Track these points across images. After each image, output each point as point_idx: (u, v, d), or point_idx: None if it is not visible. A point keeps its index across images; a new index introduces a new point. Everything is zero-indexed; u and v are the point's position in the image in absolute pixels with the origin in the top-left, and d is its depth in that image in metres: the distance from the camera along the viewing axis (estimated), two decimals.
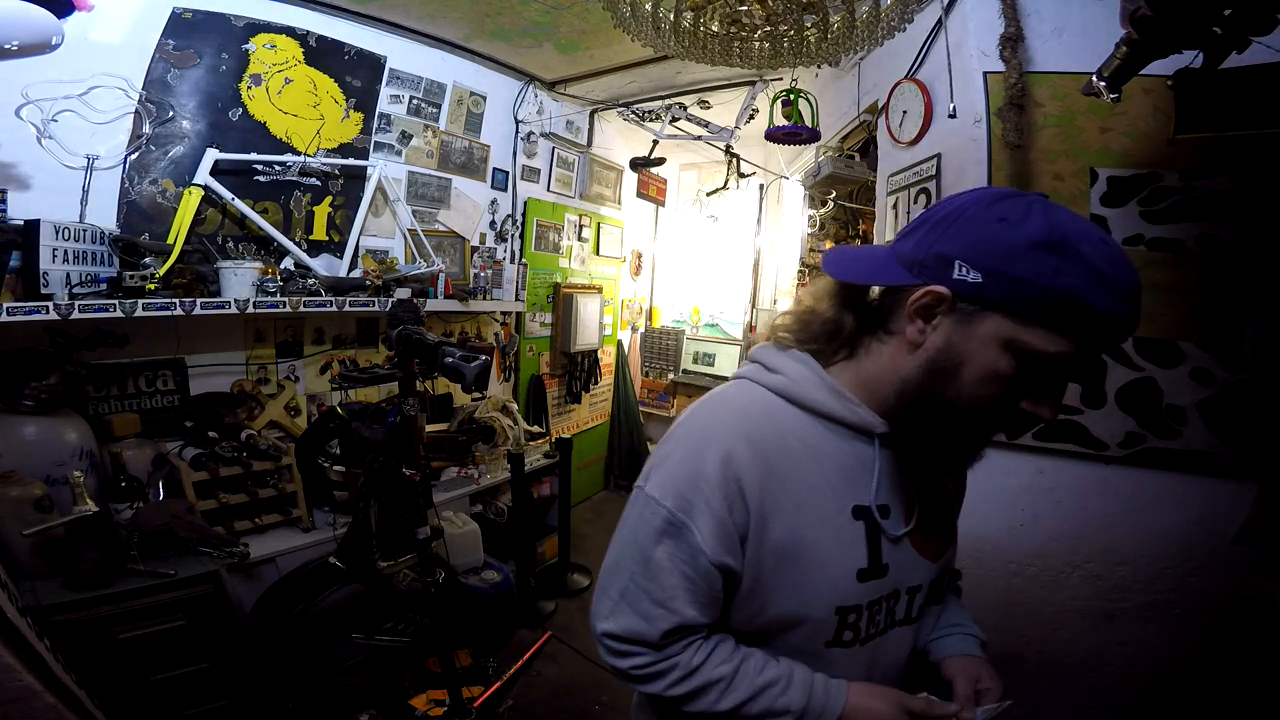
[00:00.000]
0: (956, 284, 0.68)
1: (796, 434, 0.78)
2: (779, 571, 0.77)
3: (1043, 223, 0.65)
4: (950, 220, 0.71)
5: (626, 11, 1.30)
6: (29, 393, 1.91)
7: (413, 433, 1.92)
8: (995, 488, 1.76)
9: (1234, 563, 1.65)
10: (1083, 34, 1.64)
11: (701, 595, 0.77)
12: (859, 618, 0.81)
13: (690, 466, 0.76)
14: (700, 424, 0.80)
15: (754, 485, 0.74)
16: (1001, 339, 0.67)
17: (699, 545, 0.74)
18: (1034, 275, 0.64)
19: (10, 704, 1.23)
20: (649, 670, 0.79)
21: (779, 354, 0.83)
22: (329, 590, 2.17)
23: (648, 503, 0.78)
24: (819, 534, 0.77)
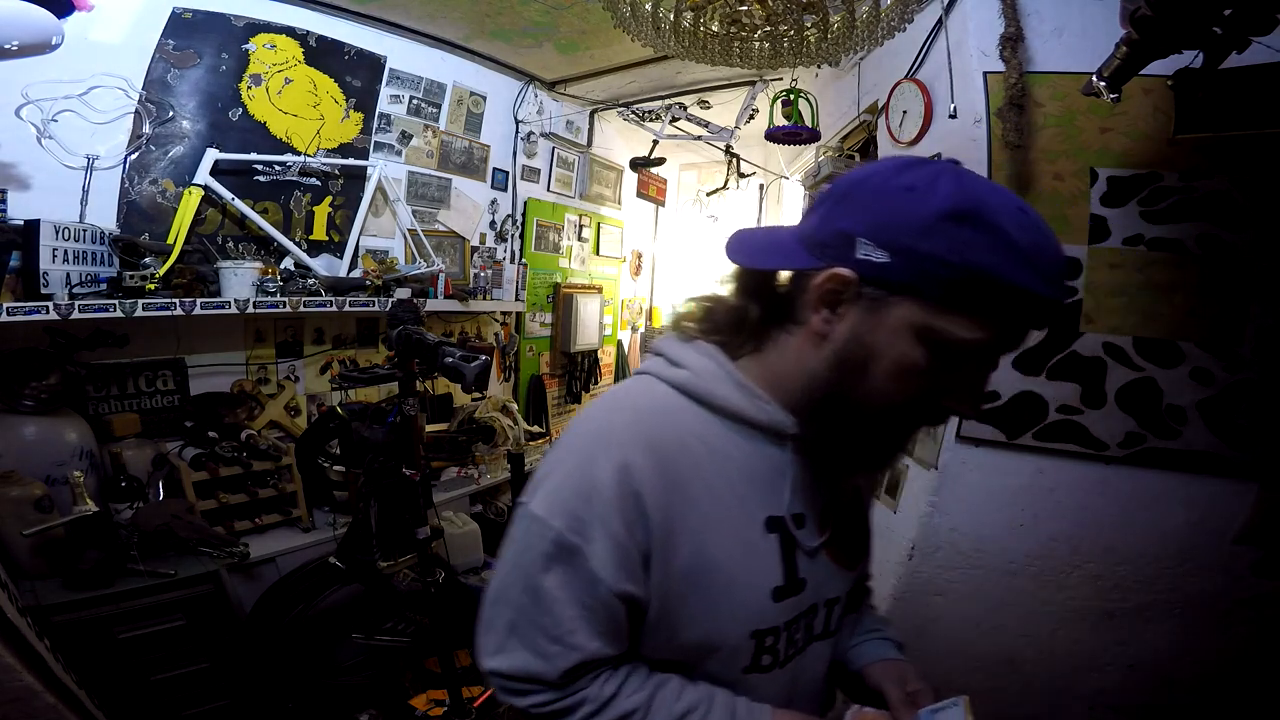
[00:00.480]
0: (861, 265, 0.60)
1: (701, 436, 0.69)
2: (688, 597, 0.67)
3: (953, 189, 0.58)
4: (853, 192, 0.64)
5: (626, 11, 1.30)
6: (29, 393, 1.91)
7: (413, 433, 1.92)
8: (995, 488, 1.76)
9: (1234, 563, 1.65)
10: (1083, 34, 1.64)
11: (604, 625, 0.66)
12: (777, 640, 0.72)
13: (582, 479, 0.65)
14: (593, 428, 0.70)
15: (656, 500, 0.65)
16: (914, 327, 0.60)
17: (595, 572, 0.64)
18: (945, 251, 0.56)
19: (10, 704, 1.23)
20: (553, 708, 0.68)
21: (683, 346, 0.74)
22: (329, 590, 2.17)
23: (533, 522, 0.66)
24: (729, 552, 0.68)
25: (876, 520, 2.10)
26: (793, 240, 0.68)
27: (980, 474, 1.77)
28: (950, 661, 1.90)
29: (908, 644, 1.93)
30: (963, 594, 1.85)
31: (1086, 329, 1.65)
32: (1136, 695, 1.78)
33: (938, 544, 1.83)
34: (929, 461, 1.83)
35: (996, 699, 1.89)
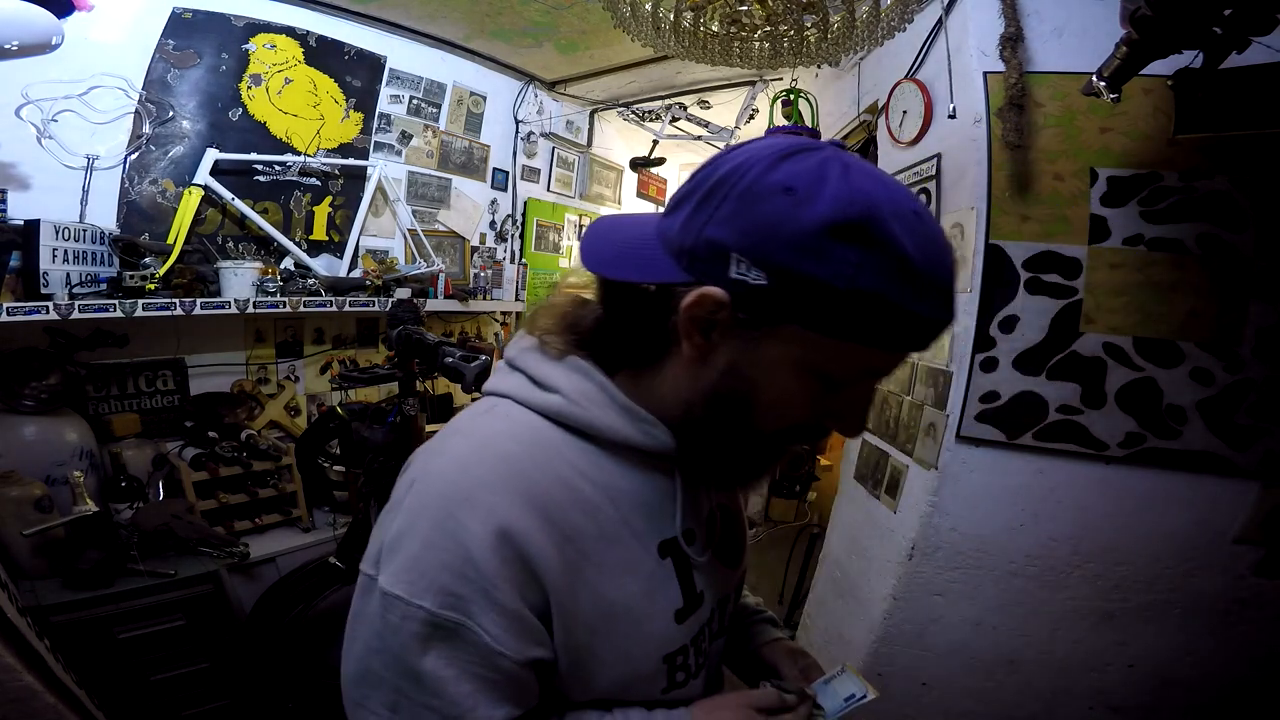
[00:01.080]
0: (735, 285, 0.51)
1: (585, 474, 0.60)
2: (594, 646, 0.61)
3: (838, 192, 0.48)
4: (724, 190, 0.52)
5: (626, 11, 1.30)
6: (29, 393, 1.91)
7: (413, 433, 1.92)
8: (995, 487, 1.76)
9: (1234, 563, 1.65)
10: (1083, 34, 1.64)
11: (507, 691, 0.57)
12: (686, 658, 0.68)
13: (448, 549, 0.54)
14: (444, 483, 0.57)
15: (547, 560, 0.56)
16: (796, 360, 0.53)
17: (490, 646, 0.55)
18: (830, 275, 0.48)
19: (10, 704, 1.23)
20: None
21: (552, 364, 0.63)
22: (329, 590, 2.17)
23: (390, 605, 0.55)
24: (630, 590, 0.62)
25: (876, 520, 2.11)
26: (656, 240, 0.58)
27: (980, 474, 1.77)
28: (950, 661, 1.90)
29: (908, 644, 1.93)
30: (963, 594, 1.85)
31: (1086, 329, 1.65)
32: (1136, 695, 1.78)
33: (938, 544, 1.83)
34: (929, 461, 1.83)
35: (996, 699, 1.89)
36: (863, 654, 2.02)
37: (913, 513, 1.88)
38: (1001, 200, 1.70)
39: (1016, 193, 1.69)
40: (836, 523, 2.51)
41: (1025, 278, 1.68)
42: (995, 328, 1.71)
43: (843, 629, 2.20)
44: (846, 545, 2.33)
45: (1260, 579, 1.64)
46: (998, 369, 1.71)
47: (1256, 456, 1.59)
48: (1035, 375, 1.69)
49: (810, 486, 4.16)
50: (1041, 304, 1.68)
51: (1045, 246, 1.67)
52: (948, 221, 1.87)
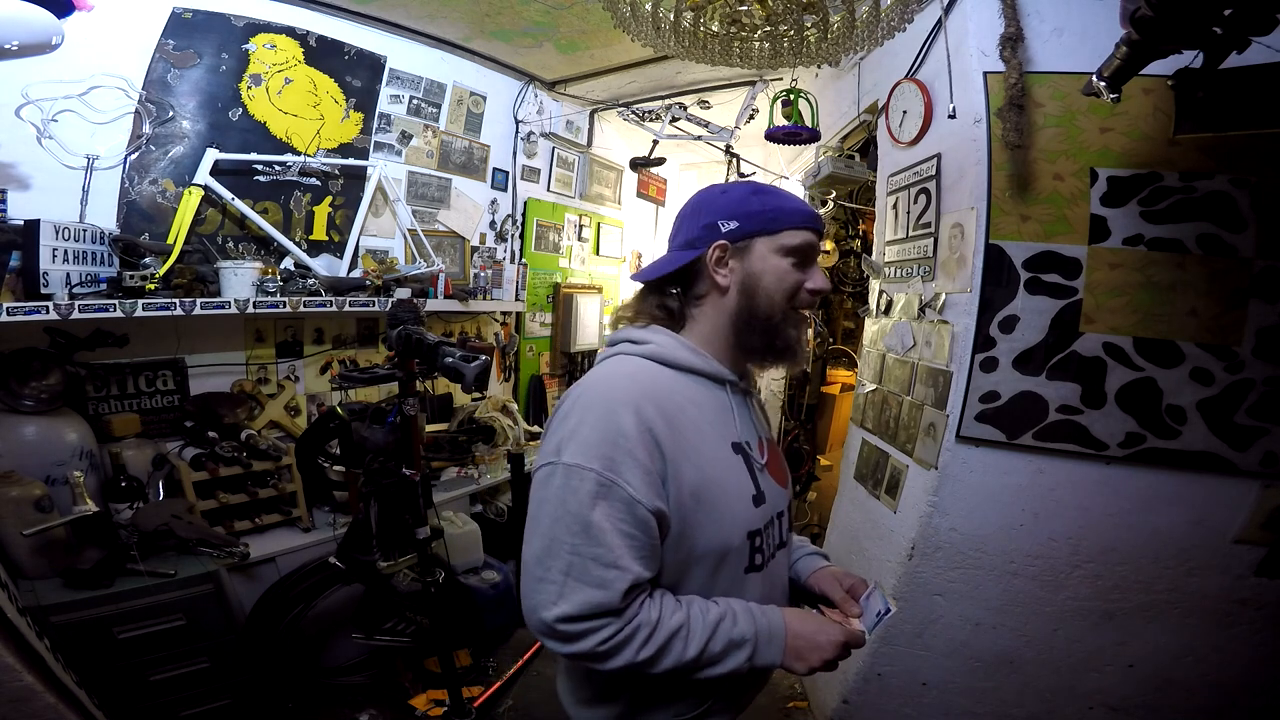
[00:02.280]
0: (728, 234, 0.95)
1: (677, 389, 0.91)
2: (698, 510, 0.86)
3: (740, 185, 1.00)
4: (693, 211, 1.00)
5: (626, 11, 1.30)
6: (29, 393, 1.91)
7: (413, 433, 1.92)
8: (995, 487, 1.76)
9: (1234, 563, 1.65)
10: (1083, 34, 1.64)
11: (644, 549, 0.82)
12: (762, 540, 0.94)
13: (606, 428, 0.82)
14: (599, 393, 0.87)
15: (664, 434, 0.84)
16: (770, 249, 0.95)
17: (633, 496, 0.80)
18: (759, 207, 0.95)
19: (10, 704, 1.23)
20: (616, 640, 0.80)
21: (641, 330, 0.98)
22: (329, 590, 2.17)
23: (570, 472, 0.81)
24: (718, 470, 0.90)
25: (876, 520, 2.11)
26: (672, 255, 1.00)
27: (980, 474, 1.77)
28: (950, 661, 1.91)
29: (908, 644, 1.94)
30: (963, 594, 1.85)
31: (1086, 329, 1.65)
32: (1136, 695, 1.78)
33: (938, 544, 1.83)
34: (929, 461, 1.83)
35: (996, 699, 1.89)
36: (863, 654, 2.02)
37: (913, 513, 1.88)
38: (1001, 200, 1.70)
39: (1016, 193, 1.69)
40: (836, 523, 2.51)
41: (1025, 278, 1.69)
42: (995, 328, 1.71)
43: None
44: (846, 545, 2.33)
45: (1260, 579, 1.64)
46: (998, 369, 1.71)
47: (1256, 456, 1.59)
48: (1035, 375, 1.69)
49: (810, 486, 4.16)
50: (1041, 304, 1.68)
51: (1045, 246, 1.67)
52: (947, 221, 1.87)
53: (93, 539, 1.92)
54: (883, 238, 2.31)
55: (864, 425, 2.32)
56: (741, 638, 0.85)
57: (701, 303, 0.98)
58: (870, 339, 2.41)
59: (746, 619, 0.86)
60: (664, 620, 0.82)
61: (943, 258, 1.88)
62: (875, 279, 2.37)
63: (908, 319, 2.05)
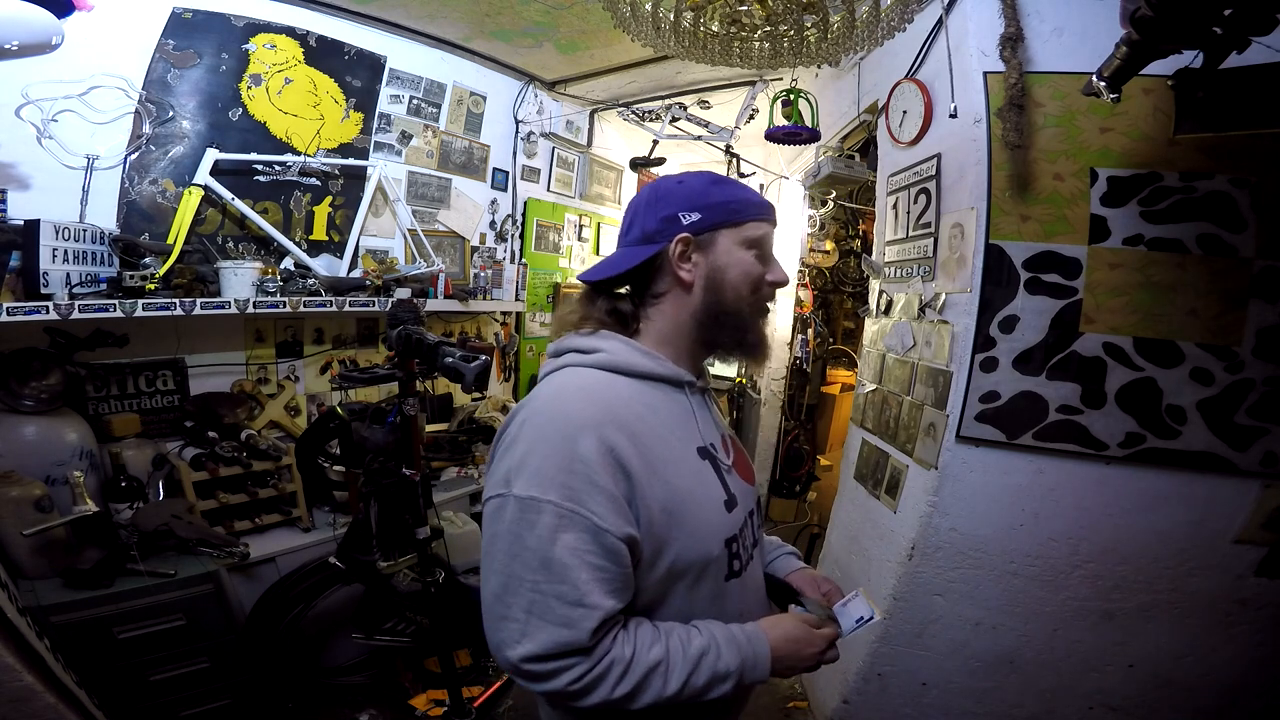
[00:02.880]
0: (690, 226, 0.91)
1: (633, 397, 0.86)
2: (672, 525, 0.81)
3: (696, 175, 0.95)
4: (650, 203, 0.94)
5: (626, 11, 1.30)
6: (29, 393, 1.91)
7: (413, 433, 1.92)
8: (995, 487, 1.76)
9: (1234, 563, 1.65)
10: (1083, 34, 1.64)
11: (615, 581, 0.77)
12: (739, 544, 0.91)
13: (562, 453, 0.76)
14: (549, 415, 0.80)
15: (628, 452, 0.79)
16: (734, 241, 0.92)
17: (599, 525, 0.75)
18: (722, 198, 0.92)
19: (10, 704, 1.23)
20: (588, 679, 0.75)
21: (588, 338, 0.91)
22: (329, 590, 2.17)
23: (524, 505, 0.75)
24: (687, 480, 0.86)
25: (876, 520, 2.11)
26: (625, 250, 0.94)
27: (980, 474, 1.77)
28: (950, 661, 1.91)
29: (908, 644, 1.94)
30: (963, 594, 1.85)
31: (1086, 329, 1.65)
32: (1136, 695, 1.78)
33: (938, 544, 1.83)
34: (929, 461, 1.83)
35: (996, 699, 1.89)
36: (863, 654, 2.02)
37: (913, 513, 1.88)
38: (1001, 200, 1.70)
39: (1016, 193, 1.69)
40: (836, 523, 2.51)
41: (1025, 278, 1.68)
42: (995, 328, 1.71)
43: None
44: (846, 545, 2.33)
45: (1260, 579, 1.64)
46: (998, 369, 1.71)
47: (1256, 456, 1.59)
48: (1035, 375, 1.69)
49: (810, 486, 4.16)
50: (1041, 304, 1.68)
51: (1045, 246, 1.67)
52: (947, 221, 1.87)
53: (93, 539, 1.92)
54: (883, 238, 2.31)
55: (864, 425, 2.32)
56: (726, 671, 0.81)
57: (660, 301, 0.93)
58: (870, 339, 2.41)
59: (731, 651, 0.82)
60: (639, 656, 0.77)
61: (943, 258, 1.88)
62: (875, 279, 2.37)
63: (908, 319, 2.05)
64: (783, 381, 4.10)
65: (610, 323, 0.94)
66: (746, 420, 4.39)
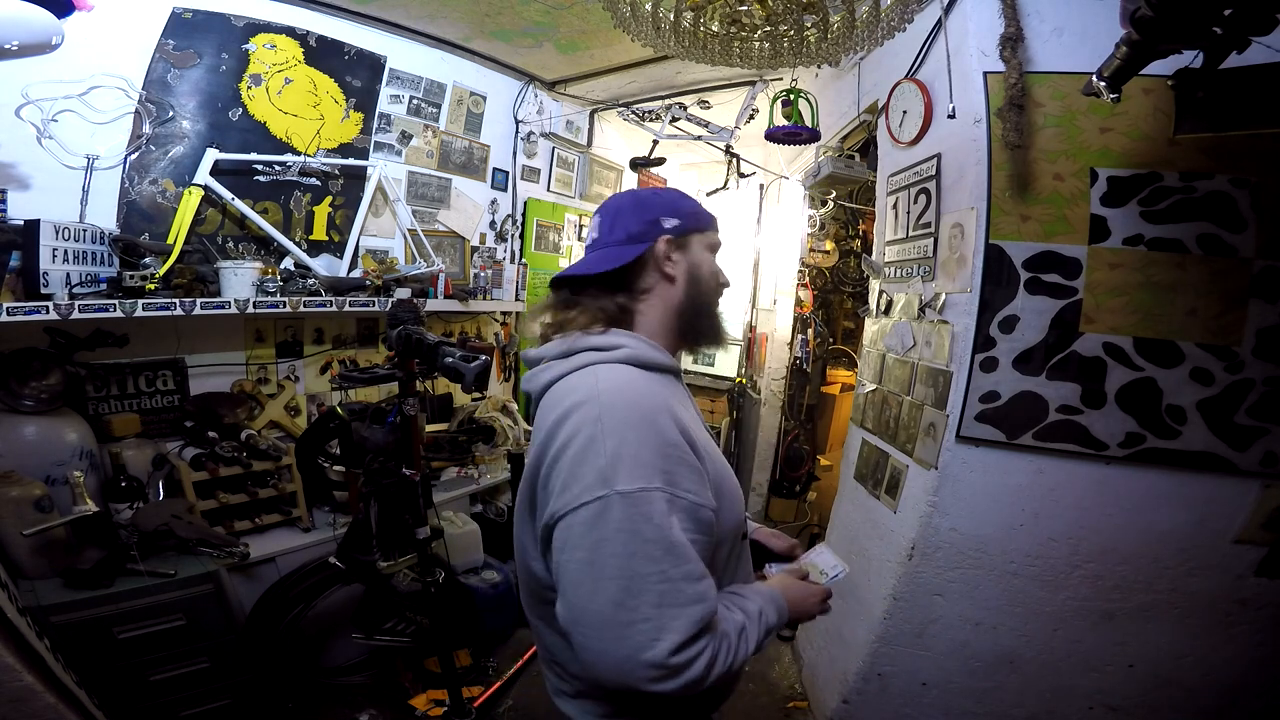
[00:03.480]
0: (671, 230, 1.00)
1: (660, 386, 0.92)
2: (721, 497, 0.89)
3: (667, 190, 1.11)
4: (639, 206, 1.03)
5: (626, 11, 1.30)
6: (29, 393, 1.91)
7: (413, 433, 1.92)
8: (995, 487, 1.76)
9: (1234, 563, 1.65)
10: (1083, 34, 1.64)
11: (706, 552, 0.84)
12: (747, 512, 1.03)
13: (655, 443, 0.81)
14: (624, 408, 0.83)
15: (692, 434, 0.87)
16: (704, 245, 1.05)
17: (695, 502, 0.82)
18: (690, 208, 1.04)
19: (10, 704, 1.23)
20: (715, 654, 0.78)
21: (602, 336, 0.95)
22: (329, 590, 2.17)
23: (635, 500, 0.76)
24: (718, 458, 0.95)
25: (876, 520, 2.11)
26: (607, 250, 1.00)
27: (980, 474, 1.77)
28: (950, 661, 1.91)
29: (908, 644, 1.93)
30: (963, 594, 1.85)
31: (1086, 329, 1.65)
32: (1136, 695, 1.78)
33: (938, 544, 1.83)
34: (929, 461, 1.83)
35: (996, 699, 1.89)
36: (863, 654, 2.02)
37: (913, 513, 1.88)
38: (1001, 200, 1.70)
39: (1016, 193, 1.69)
40: (836, 523, 2.51)
41: (1025, 278, 1.69)
42: (995, 328, 1.71)
43: (843, 629, 2.21)
44: (846, 545, 2.33)
45: (1260, 579, 1.64)
46: (998, 369, 1.71)
47: (1256, 456, 1.59)
48: (1035, 375, 1.69)
49: (810, 486, 4.16)
50: (1041, 304, 1.68)
51: (1045, 246, 1.67)
52: (947, 221, 1.87)
53: (93, 539, 1.92)
54: (883, 238, 2.31)
55: (864, 425, 2.32)
56: (769, 625, 0.91)
57: (648, 295, 1.00)
58: (870, 339, 2.41)
59: (771, 607, 0.92)
60: (725, 624, 0.83)
61: (943, 258, 1.88)
62: (875, 279, 2.37)
63: (908, 319, 2.05)
64: (783, 381, 4.10)
65: (613, 317, 0.98)
66: (746, 420, 4.39)
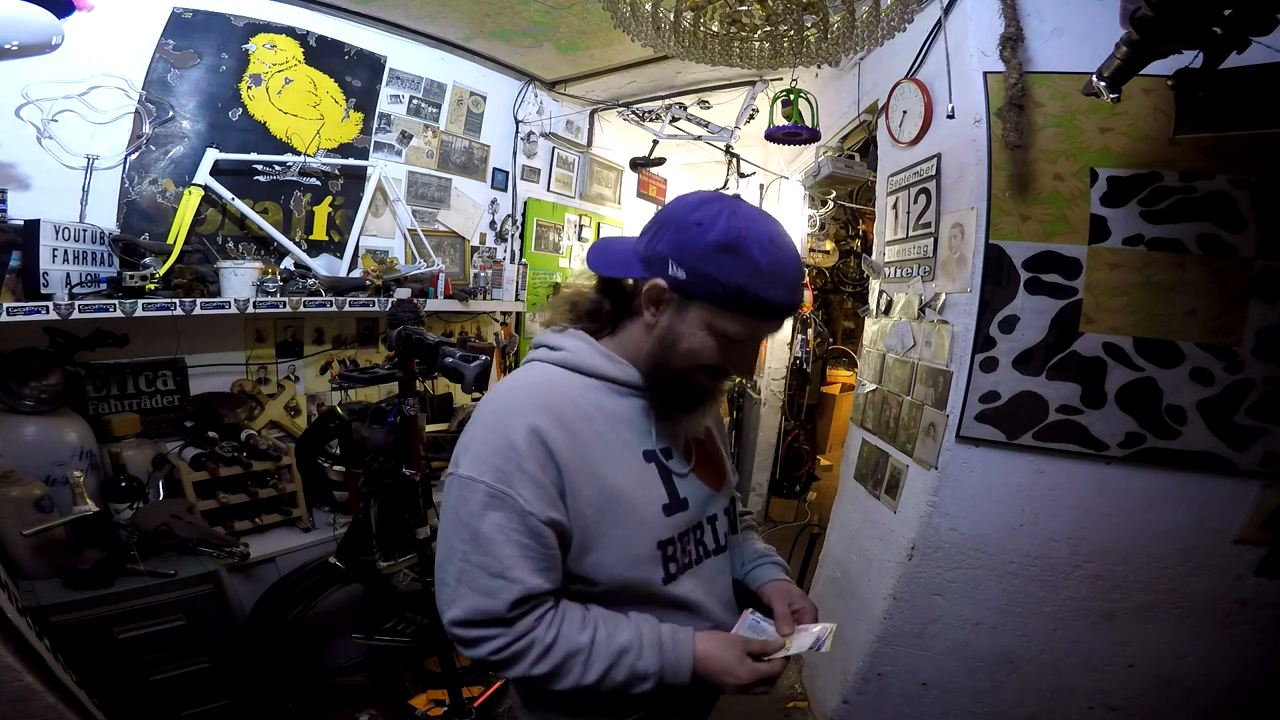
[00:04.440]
0: (671, 279, 0.85)
1: (586, 398, 0.89)
2: (601, 521, 0.85)
3: (725, 228, 0.81)
4: (666, 223, 0.87)
5: (626, 11, 1.30)
6: (29, 393, 1.91)
7: (413, 433, 1.92)
8: (995, 488, 1.76)
9: (1234, 563, 1.65)
10: (1083, 34, 1.64)
11: (539, 560, 0.82)
12: (676, 549, 0.91)
13: (499, 441, 0.82)
14: (498, 406, 0.87)
15: (560, 447, 0.83)
16: (703, 322, 0.85)
17: (524, 508, 0.80)
18: (716, 272, 0.81)
19: (10, 704, 1.23)
20: (508, 652, 0.81)
21: (558, 335, 0.95)
22: (329, 590, 2.17)
23: (465, 484, 0.82)
24: (624, 480, 0.87)
25: (876, 520, 2.10)
26: (633, 252, 0.90)
27: (980, 474, 1.77)
28: (950, 661, 1.91)
29: (908, 644, 1.93)
30: (963, 594, 1.85)
31: (1086, 329, 1.65)
32: (1136, 695, 1.78)
33: (938, 544, 1.83)
34: (929, 461, 1.83)
35: (996, 699, 1.89)
36: (863, 654, 2.02)
37: (913, 513, 1.88)
38: (1001, 200, 1.70)
39: (1016, 193, 1.69)
40: (836, 523, 2.51)
41: (1025, 278, 1.69)
42: (995, 328, 1.71)
43: (843, 629, 2.21)
44: (846, 545, 2.33)
45: (1260, 579, 1.64)
46: (998, 369, 1.71)
47: (1256, 456, 1.59)
48: (1035, 375, 1.69)
49: (810, 486, 4.16)
50: (1041, 304, 1.68)
51: (1045, 246, 1.67)
52: (947, 221, 1.87)
53: (93, 539, 1.92)
54: (883, 238, 2.31)
55: (864, 425, 2.32)
56: (645, 671, 0.84)
57: (633, 320, 0.93)
58: (870, 339, 2.41)
59: (653, 653, 0.84)
60: (561, 641, 0.82)
61: (943, 258, 1.88)
62: (875, 279, 2.37)
63: (908, 319, 2.05)
64: (783, 381, 4.10)
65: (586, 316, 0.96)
66: (746, 420, 4.39)
